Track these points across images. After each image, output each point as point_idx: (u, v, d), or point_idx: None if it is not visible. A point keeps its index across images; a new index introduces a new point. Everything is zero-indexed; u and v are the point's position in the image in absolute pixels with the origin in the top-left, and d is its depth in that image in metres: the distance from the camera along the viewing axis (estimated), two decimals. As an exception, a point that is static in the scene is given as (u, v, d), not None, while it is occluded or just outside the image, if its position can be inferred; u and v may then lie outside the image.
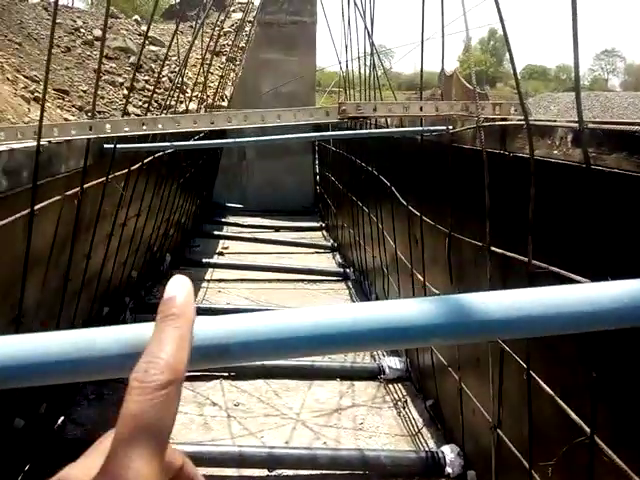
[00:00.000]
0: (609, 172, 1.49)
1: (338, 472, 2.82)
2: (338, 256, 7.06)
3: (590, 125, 1.59)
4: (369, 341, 0.41)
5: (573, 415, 1.61)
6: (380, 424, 3.30)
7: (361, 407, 3.48)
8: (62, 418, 3.12)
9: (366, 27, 3.71)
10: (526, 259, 1.82)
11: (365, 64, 4.48)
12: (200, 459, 2.80)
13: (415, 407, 3.45)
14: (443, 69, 3.18)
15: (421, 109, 2.29)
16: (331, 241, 7.69)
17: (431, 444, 3.05)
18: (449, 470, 2.72)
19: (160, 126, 2.16)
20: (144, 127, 2.17)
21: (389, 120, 3.65)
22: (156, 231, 4.74)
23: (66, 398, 3.25)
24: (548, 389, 1.76)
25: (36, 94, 8.63)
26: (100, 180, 2.58)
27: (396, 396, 3.62)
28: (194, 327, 0.35)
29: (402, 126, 3.38)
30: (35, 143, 1.89)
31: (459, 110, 2.22)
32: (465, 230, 2.52)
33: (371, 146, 4.39)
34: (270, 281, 5.94)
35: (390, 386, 3.73)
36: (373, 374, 3.83)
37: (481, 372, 2.36)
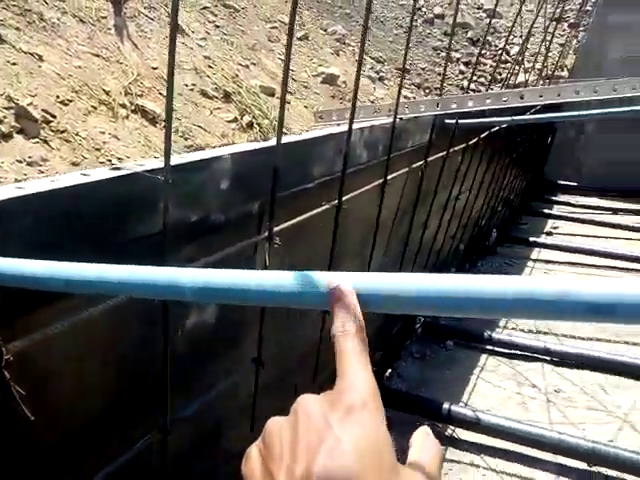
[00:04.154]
0: None
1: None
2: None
3: None
4: None
5: None
6: None
7: None
8: (390, 371, 3.46)
9: None
10: None
11: None
12: (515, 436, 2.80)
13: None
14: None
15: None
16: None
17: None
18: None
19: (504, 99, 2.16)
20: (487, 101, 2.20)
21: None
22: (485, 206, 4.78)
23: (395, 353, 3.57)
24: None
25: (380, 74, 9.48)
26: (441, 154, 2.72)
27: None
28: None
29: None
30: (389, 120, 2.10)
31: None
32: None
33: None
34: (602, 267, 5.45)
35: None
36: None
37: None
